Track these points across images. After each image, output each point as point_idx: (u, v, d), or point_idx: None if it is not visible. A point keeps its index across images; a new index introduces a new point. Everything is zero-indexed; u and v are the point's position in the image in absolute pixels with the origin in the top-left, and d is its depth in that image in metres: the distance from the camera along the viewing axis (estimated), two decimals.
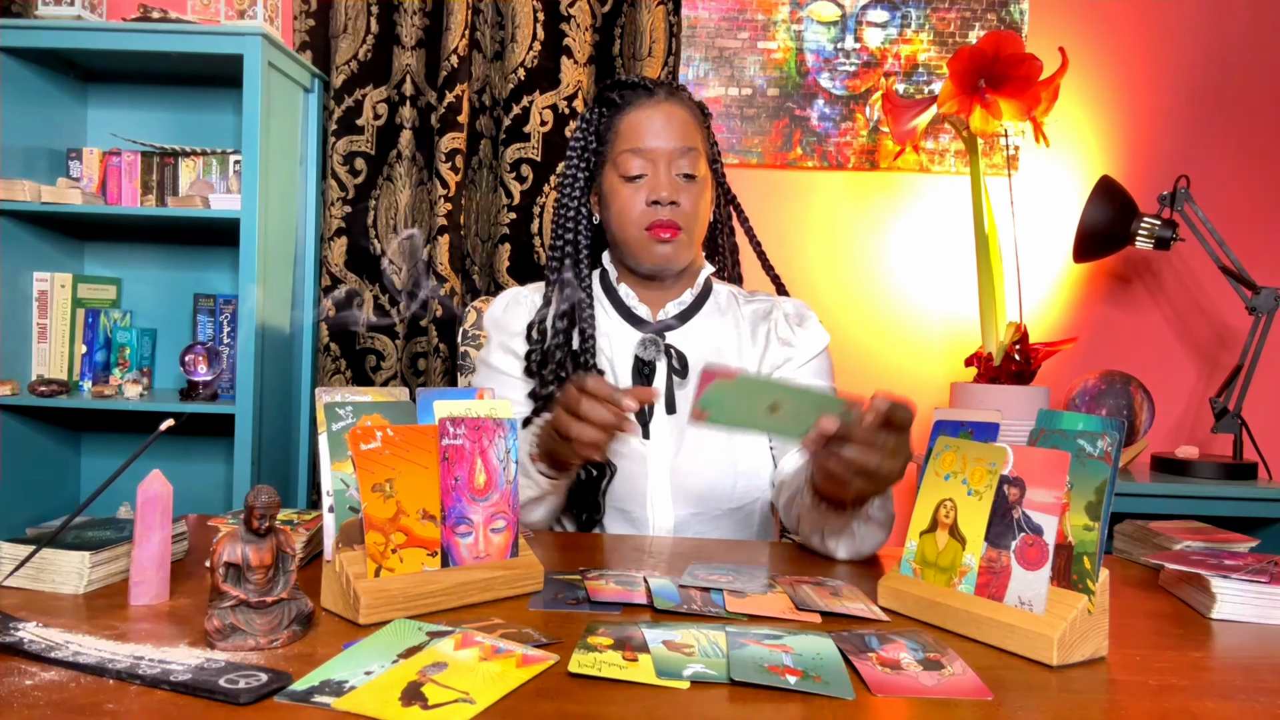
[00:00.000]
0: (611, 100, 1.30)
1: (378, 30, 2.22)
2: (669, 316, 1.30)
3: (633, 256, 1.28)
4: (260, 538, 0.71)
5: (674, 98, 1.29)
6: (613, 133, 1.28)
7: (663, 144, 1.24)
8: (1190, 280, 2.33)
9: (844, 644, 0.73)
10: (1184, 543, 1.09)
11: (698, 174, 1.26)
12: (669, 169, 1.24)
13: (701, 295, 1.33)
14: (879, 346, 2.33)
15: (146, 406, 2.02)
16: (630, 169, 1.25)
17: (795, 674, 0.66)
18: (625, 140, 1.26)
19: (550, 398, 1.24)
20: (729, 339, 1.32)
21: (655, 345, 1.25)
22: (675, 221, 1.24)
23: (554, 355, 1.25)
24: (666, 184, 1.23)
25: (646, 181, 1.25)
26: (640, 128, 1.25)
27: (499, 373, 1.30)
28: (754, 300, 1.37)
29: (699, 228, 1.28)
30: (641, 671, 0.65)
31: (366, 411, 0.84)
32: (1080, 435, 0.75)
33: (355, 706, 0.58)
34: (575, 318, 1.26)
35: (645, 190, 1.24)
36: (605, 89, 1.32)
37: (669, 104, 1.27)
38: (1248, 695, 0.67)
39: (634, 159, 1.25)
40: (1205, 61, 2.30)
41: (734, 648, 0.70)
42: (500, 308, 1.34)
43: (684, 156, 1.25)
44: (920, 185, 2.34)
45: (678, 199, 1.23)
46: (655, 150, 1.24)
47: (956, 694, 0.65)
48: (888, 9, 2.30)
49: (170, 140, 2.23)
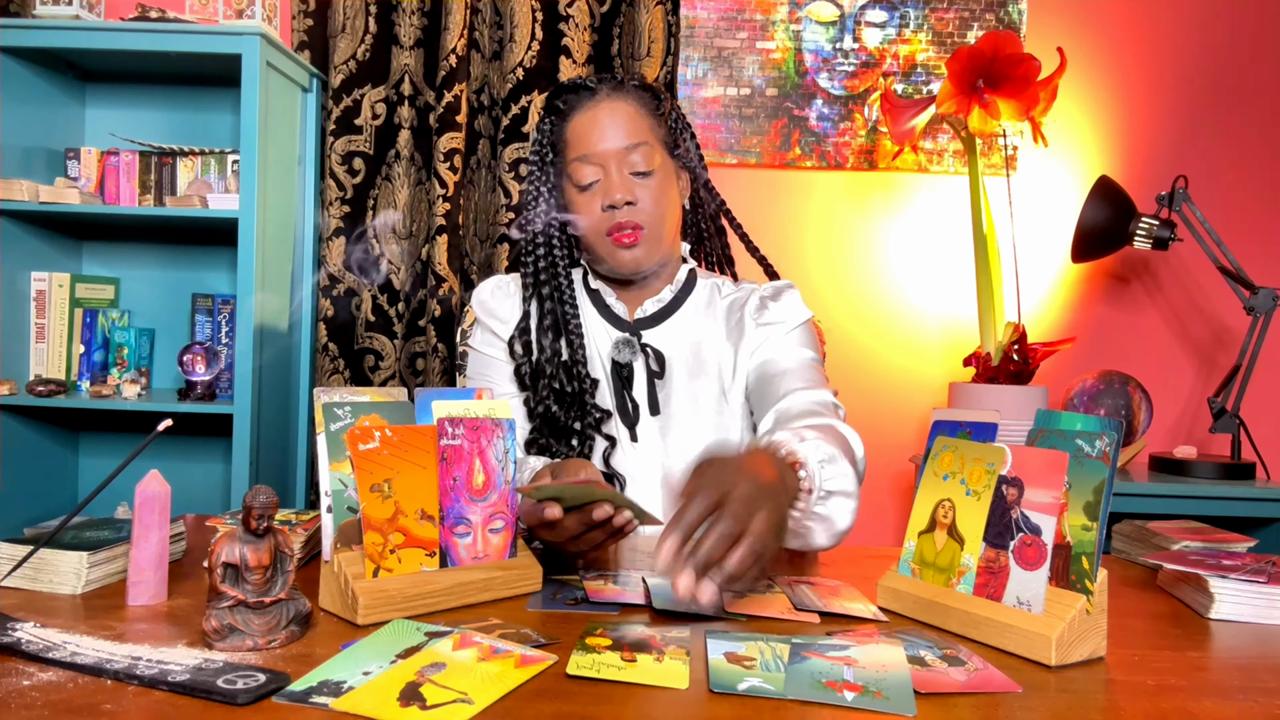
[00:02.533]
0: (556, 107, 1.27)
1: (376, 30, 2.22)
2: (647, 315, 1.28)
3: (601, 262, 1.25)
4: (258, 538, 0.71)
5: (617, 93, 1.24)
6: (562, 142, 1.25)
7: (609, 144, 1.20)
8: (1188, 280, 2.34)
9: None
10: (1182, 543, 1.10)
11: (653, 167, 1.21)
12: (620, 169, 1.20)
13: (684, 291, 1.30)
14: (877, 346, 2.33)
15: (144, 406, 2.02)
16: (583, 178, 1.21)
17: (854, 689, 0.64)
18: (574, 148, 1.22)
19: (548, 415, 1.21)
20: (708, 334, 1.28)
21: (630, 346, 1.23)
22: (634, 222, 1.19)
23: (545, 370, 1.22)
24: (619, 186, 1.19)
25: (600, 186, 1.21)
26: (585, 132, 1.21)
27: (487, 358, 1.29)
28: (736, 291, 1.32)
29: (665, 223, 1.23)
30: (639, 672, 0.65)
31: (365, 412, 0.84)
32: (1078, 435, 0.75)
33: (353, 707, 0.58)
34: (561, 328, 1.24)
35: (600, 195, 1.20)
36: (550, 95, 1.28)
37: (611, 100, 1.23)
38: (1246, 695, 0.67)
39: (584, 166, 1.21)
40: (1204, 62, 2.31)
41: (794, 660, 0.69)
42: (487, 292, 1.31)
43: (634, 152, 1.20)
44: (919, 185, 2.34)
45: (633, 198, 1.19)
46: (603, 153, 1.20)
47: (988, 688, 0.65)
48: (886, 9, 2.30)
49: (168, 140, 2.22)
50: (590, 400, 1.21)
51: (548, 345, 1.23)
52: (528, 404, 1.24)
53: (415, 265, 2.25)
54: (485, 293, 1.32)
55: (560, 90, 1.27)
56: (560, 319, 1.24)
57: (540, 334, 1.24)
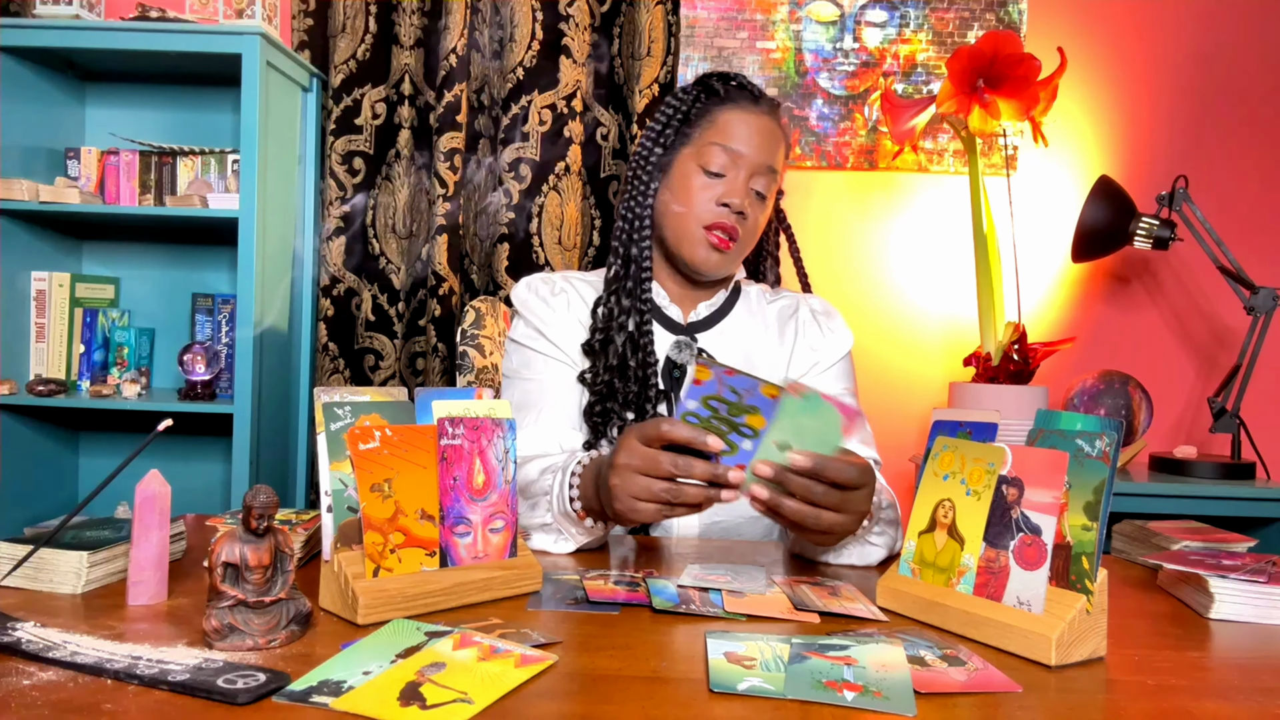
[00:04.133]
0: (714, 89, 1.25)
1: (376, 30, 2.22)
2: (700, 318, 1.29)
3: (681, 250, 1.24)
4: (258, 538, 0.71)
5: (772, 114, 1.25)
6: (706, 120, 1.23)
7: (752, 153, 1.21)
8: (1189, 280, 2.34)
9: None
10: (1182, 543, 1.10)
11: (770, 194, 1.24)
12: (748, 179, 1.21)
13: (732, 296, 1.33)
14: (878, 346, 2.33)
15: (145, 406, 2.02)
16: (712, 162, 1.20)
17: (854, 689, 0.64)
18: (718, 133, 1.21)
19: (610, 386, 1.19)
20: (758, 340, 1.30)
21: (689, 348, 1.24)
22: (737, 230, 1.21)
23: (617, 388, 1.20)
24: (742, 192, 1.20)
25: (724, 182, 1.21)
26: (736, 128, 1.21)
27: (548, 358, 1.25)
28: (779, 298, 1.36)
29: (751, 244, 1.26)
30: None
31: (365, 411, 0.84)
32: (1079, 435, 0.75)
33: (353, 706, 0.58)
34: (638, 344, 1.21)
35: (720, 189, 1.20)
36: (710, 76, 1.27)
37: (768, 118, 1.24)
38: (1246, 695, 0.67)
39: (721, 154, 1.20)
40: (1204, 61, 2.31)
41: (794, 660, 0.69)
42: (537, 300, 1.27)
43: (765, 175, 1.22)
44: (919, 185, 2.34)
45: (747, 211, 1.21)
46: (745, 156, 1.20)
47: (989, 688, 0.65)
48: (886, 9, 2.30)
49: (168, 140, 2.22)
50: (652, 370, 1.20)
51: (618, 308, 1.22)
52: (583, 378, 1.23)
53: (415, 265, 2.25)
54: (535, 300, 1.29)
55: (724, 76, 1.26)
56: (637, 284, 1.22)
57: (620, 296, 1.22)
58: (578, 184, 2.21)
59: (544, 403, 1.22)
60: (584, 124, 2.22)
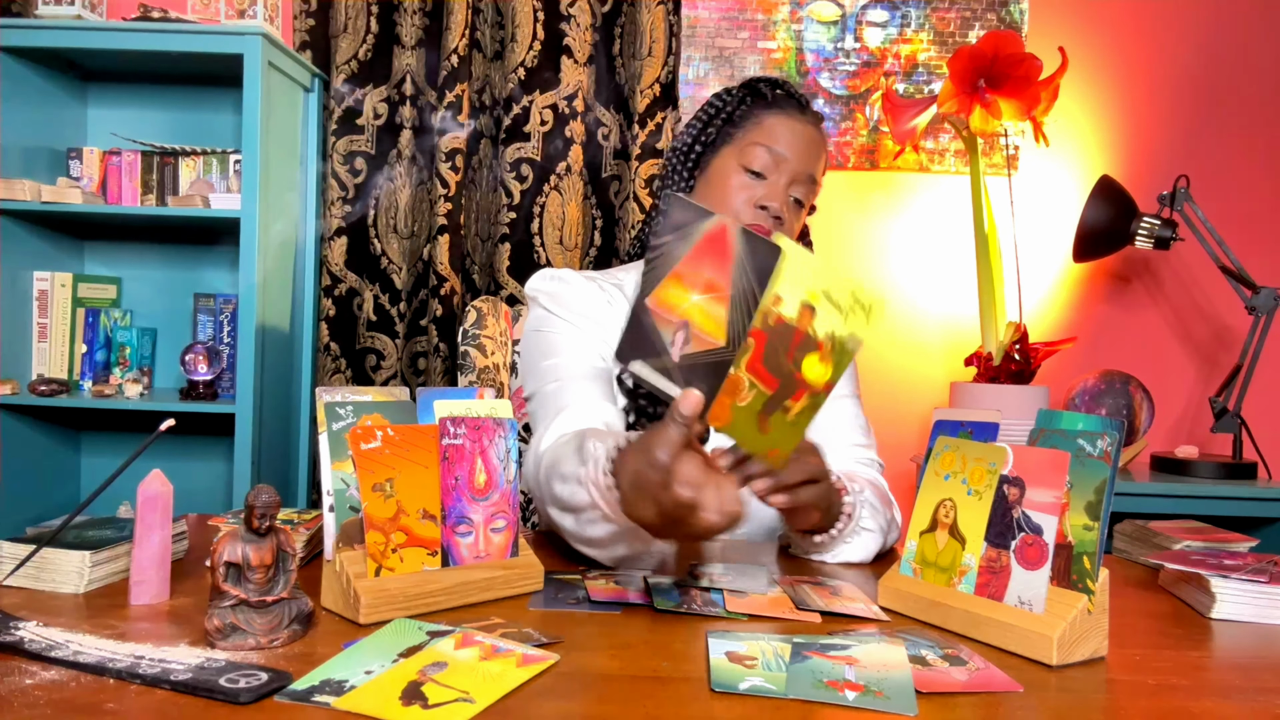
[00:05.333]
0: (761, 92, 1.25)
1: (378, 30, 2.22)
2: None
3: None
4: (260, 537, 0.71)
5: (818, 126, 1.25)
6: (750, 121, 1.23)
7: (795, 159, 1.20)
8: (1190, 280, 2.34)
9: None
10: (1183, 542, 1.09)
11: (807, 203, 1.24)
12: (788, 185, 1.20)
13: None
14: (878, 346, 2.33)
15: (146, 406, 2.03)
16: (754, 162, 1.19)
17: (856, 689, 0.64)
18: (763, 134, 1.21)
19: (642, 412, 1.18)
20: None
21: None
22: (771, 234, 1.21)
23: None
24: (781, 196, 1.19)
25: (765, 184, 1.20)
26: (781, 132, 1.20)
27: (573, 327, 1.20)
28: None
29: None
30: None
31: (367, 411, 0.84)
32: (1080, 435, 0.75)
33: (355, 706, 0.58)
34: None
35: (759, 191, 1.19)
36: (758, 80, 1.27)
37: (814, 129, 1.23)
38: (1247, 695, 0.67)
39: (765, 155, 1.19)
40: (1205, 61, 2.31)
41: (795, 660, 0.69)
42: (554, 283, 1.23)
43: (805, 183, 1.21)
44: (920, 185, 2.34)
45: (783, 216, 1.20)
46: (789, 161, 1.19)
47: (990, 687, 0.65)
48: (887, 9, 2.30)
49: (170, 140, 2.23)
50: None
51: None
52: (621, 382, 1.21)
53: (417, 265, 2.25)
54: (565, 290, 1.25)
55: (771, 81, 1.26)
56: None
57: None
58: (579, 184, 2.21)
59: (576, 381, 1.16)
60: (585, 124, 2.22)
